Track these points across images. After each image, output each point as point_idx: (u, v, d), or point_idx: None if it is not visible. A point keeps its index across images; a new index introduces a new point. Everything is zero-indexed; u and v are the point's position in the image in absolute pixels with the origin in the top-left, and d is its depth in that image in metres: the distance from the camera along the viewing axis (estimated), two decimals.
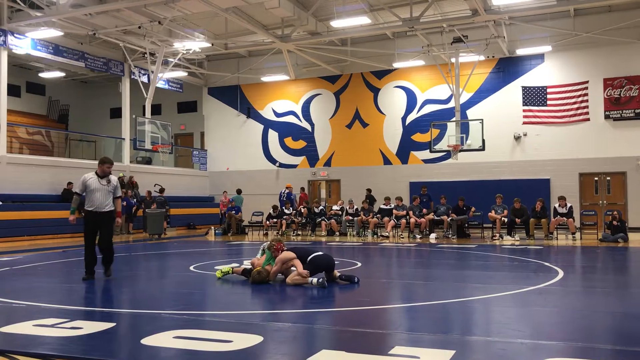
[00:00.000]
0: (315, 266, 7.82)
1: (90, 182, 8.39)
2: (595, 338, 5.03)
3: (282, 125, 25.64)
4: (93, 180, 8.41)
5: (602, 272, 10.24)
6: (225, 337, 4.83)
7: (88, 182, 8.41)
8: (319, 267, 7.84)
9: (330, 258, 8.06)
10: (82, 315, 5.81)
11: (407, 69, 23.23)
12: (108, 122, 28.95)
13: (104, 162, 8.61)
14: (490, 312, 6.16)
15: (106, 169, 8.51)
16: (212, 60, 26.51)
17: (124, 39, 20.71)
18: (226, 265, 8.89)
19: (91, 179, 8.42)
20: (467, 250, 13.57)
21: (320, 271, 7.84)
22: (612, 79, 20.39)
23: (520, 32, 21.21)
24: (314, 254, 7.95)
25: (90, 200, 8.38)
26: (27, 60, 24.09)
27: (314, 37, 21.11)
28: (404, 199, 20.01)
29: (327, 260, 7.96)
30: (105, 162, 8.60)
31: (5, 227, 17.04)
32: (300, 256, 7.95)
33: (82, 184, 8.43)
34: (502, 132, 21.47)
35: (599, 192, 20.81)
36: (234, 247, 15.88)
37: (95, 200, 8.37)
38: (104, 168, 8.51)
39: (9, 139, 20.02)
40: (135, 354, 4.50)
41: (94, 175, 8.47)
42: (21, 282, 8.67)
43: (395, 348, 4.45)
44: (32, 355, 4.36)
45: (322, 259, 7.92)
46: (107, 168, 8.52)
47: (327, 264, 7.93)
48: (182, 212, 23.50)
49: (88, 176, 8.47)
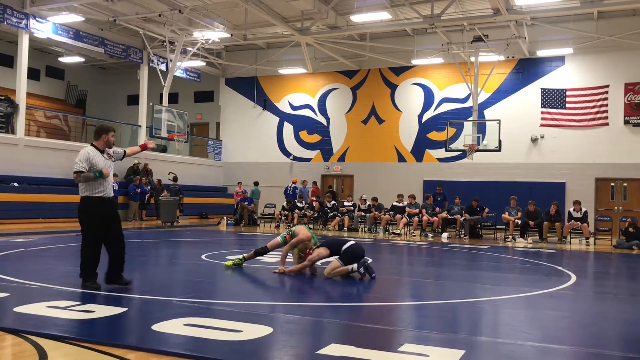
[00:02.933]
0: (350, 255, 7.93)
1: (97, 160, 6.52)
2: (606, 344, 4.99)
3: (297, 119, 25.64)
4: (98, 157, 6.56)
5: (615, 278, 10.15)
6: (235, 326, 4.85)
7: (94, 159, 6.51)
8: (353, 257, 7.95)
9: (362, 248, 8.19)
10: (95, 299, 5.87)
11: (426, 66, 23.10)
12: (125, 108, 29.12)
13: (107, 130, 6.76)
14: (501, 314, 6.13)
15: (111, 139, 6.76)
16: (231, 50, 26.54)
17: (143, 26, 20.80)
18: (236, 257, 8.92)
19: (96, 156, 6.55)
20: (479, 251, 13.51)
21: (354, 260, 7.93)
22: (634, 83, 20.12)
23: (542, 33, 20.99)
24: (348, 244, 8.05)
25: (97, 183, 6.51)
26: (47, 44, 24.28)
27: (333, 31, 21.06)
28: (418, 197, 19.94)
29: (360, 250, 8.09)
30: (109, 130, 6.80)
31: (21, 209, 17.22)
32: (334, 248, 8.06)
33: (86, 160, 6.46)
34: (519, 133, 21.30)
35: (615, 198, 20.60)
36: (245, 237, 15.94)
37: (104, 182, 6.57)
38: (109, 138, 6.72)
39: (27, 121, 20.21)
40: (145, 339, 4.54)
41: (95, 150, 6.61)
42: (35, 264, 8.77)
43: (405, 345, 4.45)
44: (45, 336, 4.41)
45: (356, 249, 8.03)
46: (112, 137, 6.77)
47: (360, 253, 8.05)
48: (195, 201, 23.61)
49: (91, 152, 6.55)
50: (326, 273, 7.87)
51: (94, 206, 6.52)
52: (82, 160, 6.44)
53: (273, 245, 8.57)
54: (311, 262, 8.09)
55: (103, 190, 6.55)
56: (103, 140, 6.67)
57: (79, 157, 6.47)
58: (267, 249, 8.58)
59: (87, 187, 6.51)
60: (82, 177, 6.43)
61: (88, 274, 6.52)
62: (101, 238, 6.59)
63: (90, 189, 6.50)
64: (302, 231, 8.36)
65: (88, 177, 6.43)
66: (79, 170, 6.43)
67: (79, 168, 6.44)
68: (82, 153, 6.53)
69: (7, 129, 18.47)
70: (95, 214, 6.53)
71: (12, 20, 18.08)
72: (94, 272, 6.55)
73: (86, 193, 6.51)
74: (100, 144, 6.66)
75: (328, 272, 7.85)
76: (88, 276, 6.51)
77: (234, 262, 8.68)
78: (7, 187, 17.12)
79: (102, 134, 6.68)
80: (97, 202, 6.52)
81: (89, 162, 6.46)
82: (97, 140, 6.67)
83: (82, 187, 6.53)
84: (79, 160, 6.44)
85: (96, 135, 6.71)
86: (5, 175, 17.55)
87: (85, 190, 6.51)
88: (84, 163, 6.44)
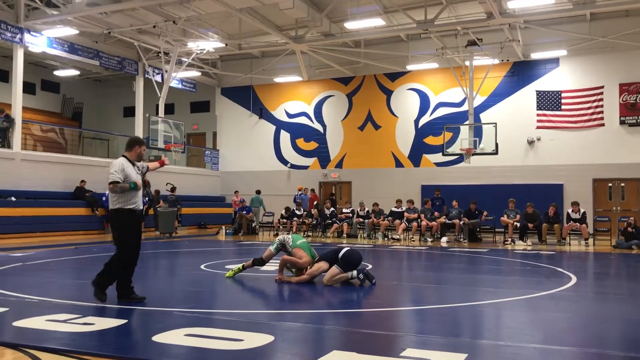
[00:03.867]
0: (347, 261, 7.92)
1: (130, 172, 6.38)
2: (608, 344, 4.98)
3: (294, 126, 25.66)
4: (130, 168, 6.41)
5: (615, 278, 10.15)
6: (236, 335, 4.83)
7: (128, 170, 6.36)
8: (351, 262, 7.94)
9: (358, 252, 8.18)
10: (94, 312, 5.84)
11: (421, 71, 23.16)
12: (121, 120, 29.14)
13: (141, 143, 6.65)
14: (502, 317, 6.12)
15: (142, 152, 6.67)
16: (226, 60, 26.58)
17: (138, 38, 20.83)
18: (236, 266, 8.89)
19: (129, 167, 6.40)
20: (478, 255, 13.50)
21: (352, 266, 7.92)
22: (629, 84, 20.20)
23: (536, 36, 21.07)
24: (343, 251, 8.06)
25: (131, 195, 6.38)
26: (42, 58, 24.29)
27: (327, 38, 21.11)
28: (416, 202, 19.93)
29: (356, 254, 8.09)
30: (142, 143, 6.71)
31: (19, 223, 17.17)
32: (331, 258, 8.03)
33: (121, 171, 6.29)
34: (515, 136, 21.34)
35: (613, 199, 20.62)
36: (244, 246, 15.91)
37: (137, 195, 6.44)
38: (140, 151, 6.61)
39: (24, 136, 20.19)
40: (146, 350, 4.52)
41: (127, 161, 6.46)
42: (34, 278, 8.73)
43: (407, 350, 4.43)
44: (45, 350, 4.38)
45: (352, 254, 8.04)
46: (143, 150, 6.68)
47: (357, 257, 8.05)
48: (194, 211, 23.58)
49: (125, 163, 6.39)
50: (325, 281, 7.84)
51: (127, 219, 6.38)
52: (117, 171, 6.27)
53: (268, 257, 8.51)
54: (311, 277, 8.04)
55: (135, 202, 6.42)
56: (135, 152, 6.53)
57: (115, 168, 6.29)
58: (263, 261, 8.52)
59: (120, 199, 6.34)
60: (118, 187, 6.26)
61: (104, 287, 6.38)
62: (135, 254, 6.50)
63: (123, 201, 6.34)
64: (302, 255, 8.23)
65: (124, 188, 6.28)
66: (115, 180, 6.24)
67: (115, 178, 6.25)
68: (117, 164, 6.35)
69: (4, 143, 18.44)
70: (129, 227, 6.42)
71: (7, 35, 18.09)
72: (109, 286, 6.43)
73: (118, 205, 6.34)
74: (133, 156, 6.52)
75: (328, 280, 7.83)
76: (103, 288, 6.37)
77: (234, 271, 8.65)
78: (4, 202, 17.08)
79: (135, 145, 6.55)
80: (130, 214, 6.39)
81: (123, 173, 6.30)
82: (130, 151, 6.52)
83: (114, 199, 6.35)
84: (115, 171, 6.26)
85: (129, 146, 6.55)
86: (3, 189, 17.51)
87: (117, 202, 6.34)
88: (119, 174, 6.27)
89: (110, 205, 6.43)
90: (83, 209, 19.36)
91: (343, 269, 7.84)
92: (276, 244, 8.53)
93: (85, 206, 19.43)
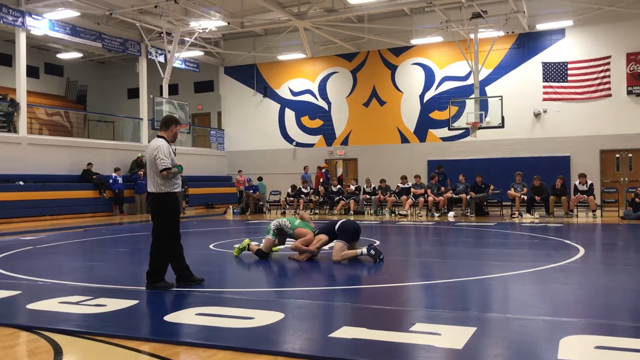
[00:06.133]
0: (344, 231, 7.97)
1: (171, 153, 6.17)
2: (616, 315, 5.00)
3: (298, 104, 25.57)
4: (170, 150, 6.18)
5: (623, 249, 10.15)
6: (246, 314, 4.88)
7: (171, 152, 6.16)
8: (348, 231, 7.98)
9: (354, 222, 8.21)
10: (106, 293, 5.89)
11: (425, 45, 22.95)
12: (126, 102, 29.10)
13: (177, 121, 6.46)
14: (510, 290, 6.15)
15: (178, 132, 6.44)
16: (228, 39, 26.41)
17: (140, 18, 20.69)
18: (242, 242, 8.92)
19: (169, 148, 6.16)
20: (486, 229, 13.51)
21: (350, 235, 7.96)
22: (636, 53, 19.95)
23: (541, 6, 20.79)
24: (339, 223, 8.10)
25: (176, 178, 6.20)
26: (45, 41, 24.20)
27: (330, 14, 20.90)
28: (422, 177, 19.91)
29: (353, 224, 8.11)
30: (179, 122, 6.51)
31: (27, 207, 17.29)
32: (329, 231, 8.08)
33: (169, 155, 6.06)
34: (521, 109, 21.19)
35: (621, 169, 20.52)
36: (252, 225, 15.97)
37: (179, 177, 6.29)
38: (176, 130, 6.39)
39: (29, 120, 20.22)
40: (158, 330, 4.57)
41: (167, 143, 6.19)
42: (44, 261, 8.82)
43: (416, 325, 4.47)
44: (59, 332, 4.44)
45: (348, 224, 8.06)
46: (179, 130, 6.46)
47: (354, 226, 8.07)
48: (201, 191, 23.66)
49: (165, 144, 6.11)
50: (334, 258, 7.88)
51: (173, 201, 6.15)
52: (166, 156, 6.00)
53: (268, 247, 8.48)
54: (316, 248, 8.13)
55: (179, 185, 6.24)
56: (172, 132, 6.29)
57: (162, 152, 5.99)
58: (265, 253, 8.43)
59: (167, 183, 6.08)
60: (171, 173, 6.03)
61: (161, 275, 6.10)
62: (177, 236, 6.24)
63: (170, 184, 6.10)
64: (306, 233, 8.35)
65: (175, 173, 6.08)
66: (167, 167, 5.98)
67: (167, 164, 5.99)
68: (162, 148, 6.03)
69: (9, 128, 18.49)
70: (174, 210, 6.18)
71: (8, 19, 18.01)
72: (165, 272, 6.15)
73: (166, 189, 6.07)
74: (169, 135, 6.26)
75: (336, 257, 7.87)
76: (160, 277, 6.09)
77: (239, 248, 8.70)
78: (12, 186, 17.18)
79: (172, 124, 6.31)
80: (175, 198, 6.17)
81: (170, 157, 6.07)
82: (166, 130, 6.27)
83: (161, 183, 6.05)
84: (164, 156, 5.98)
85: (166, 125, 6.30)
86: (10, 174, 17.59)
87: (165, 186, 6.07)
88: (168, 158, 6.01)
89: (154, 190, 6.09)
90: (91, 192, 19.46)
91: (344, 240, 7.92)
92: (272, 230, 8.51)
93: (92, 189, 19.53)
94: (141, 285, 6.17)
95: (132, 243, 11.77)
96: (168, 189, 6.10)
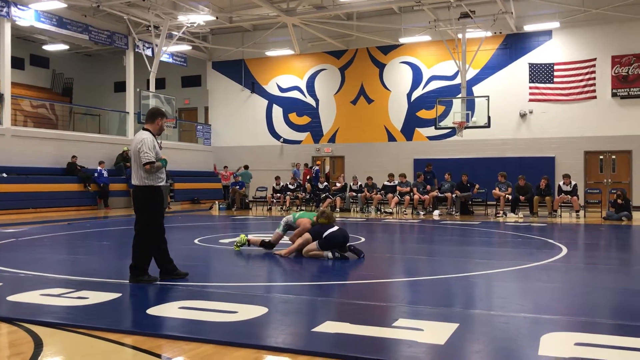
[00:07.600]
0: (329, 242, 7.92)
1: (157, 147, 6.12)
2: (597, 313, 5.05)
3: (286, 101, 25.53)
4: (156, 143, 6.12)
5: (605, 249, 10.27)
6: (230, 307, 4.87)
7: (156, 145, 6.10)
8: (332, 243, 7.93)
9: (344, 234, 8.14)
10: (88, 286, 5.85)
11: (413, 44, 23.02)
12: (112, 95, 28.87)
13: (163, 114, 6.35)
14: (493, 287, 6.19)
15: (164, 125, 6.38)
16: (217, 34, 26.30)
17: (127, 11, 20.53)
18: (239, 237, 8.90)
19: (155, 142, 6.10)
20: (470, 227, 13.59)
21: (332, 247, 7.91)
22: (621, 56, 20.17)
23: (528, 7, 20.94)
24: (330, 230, 8.02)
25: (160, 172, 6.14)
26: (30, 32, 23.94)
27: (319, 10, 20.90)
28: (408, 175, 19.98)
29: (341, 237, 8.05)
30: (164, 115, 6.41)
31: (11, 200, 17.12)
32: (318, 233, 8.05)
33: (153, 148, 6.00)
34: (507, 109, 21.34)
35: (604, 171, 20.75)
36: (238, 221, 15.94)
37: (163, 171, 6.21)
38: (162, 124, 6.30)
39: (14, 111, 19.99)
40: (141, 323, 4.55)
41: (152, 136, 6.11)
42: (27, 253, 8.73)
43: (399, 320, 4.49)
44: (40, 324, 4.40)
45: (336, 235, 8.00)
46: (165, 123, 6.40)
47: (341, 240, 8.02)
48: (186, 186, 23.56)
49: (150, 137, 6.04)
50: (303, 252, 8.00)
51: (157, 195, 6.11)
52: (150, 149, 5.93)
53: (276, 240, 8.65)
54: (299, 246, 8.12)
55: (163, 179, 6.17)
56: (157, 125, 6.20)
57: (146, 146, 5.92)
58: (272, 245, 8.62)
59: (151, 177, 6.03)
60: (155, 167, 5.97)
61: (144, 269, 6.06)
62: (161, 230, 6.18)
63: (154, 178, 6.05)
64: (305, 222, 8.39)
65: (159, 167, 6.03)
66: (151, 160, 5.92)
67: (151, 158, 5.92)
68: (147, 141, 5.96)
69: None
70: (158, 204, 6.13)
71: None
72: (148, 266, 6.12)
73: (149, 182, 6.01)
74: (155, 128, 6.18)
75: (305, 252, 7.98)
76: (143, 270, 6.06)
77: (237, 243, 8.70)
78: None
79: (158, 117, 6.21)
80: (158, 190, 6.12)
81: (154, 150, 5.99)
82: (152, 123, 6.19)
83: (144, 176, 5.99)
84: (148, 150, 5.92)
85: (152, 118, 6.22)
86: None
87: (147, 179, 6.01)
88: (152, 152, 5.94)
89: (138, 183, 6.04)
90: (75, 185, 19.31)
91: (321, 247, 7.90)
92: (282, 225, 8.68)
93: (77, 182, 19.37)
94: (124, 278, 6.13)
95: (117, 237, 11.69)
96: (152, 182, 6.05)
